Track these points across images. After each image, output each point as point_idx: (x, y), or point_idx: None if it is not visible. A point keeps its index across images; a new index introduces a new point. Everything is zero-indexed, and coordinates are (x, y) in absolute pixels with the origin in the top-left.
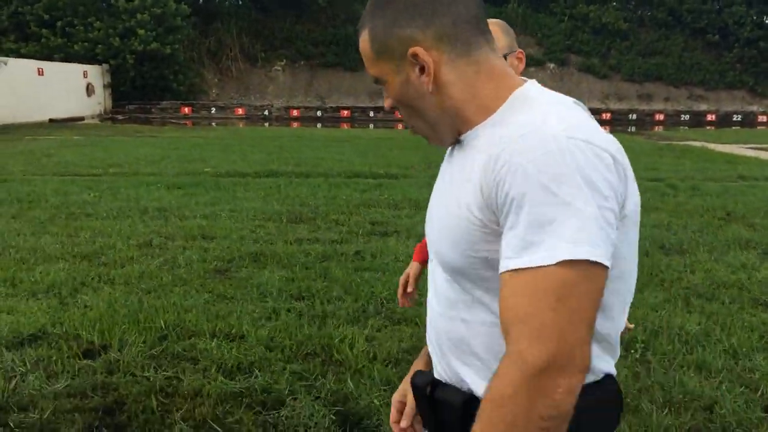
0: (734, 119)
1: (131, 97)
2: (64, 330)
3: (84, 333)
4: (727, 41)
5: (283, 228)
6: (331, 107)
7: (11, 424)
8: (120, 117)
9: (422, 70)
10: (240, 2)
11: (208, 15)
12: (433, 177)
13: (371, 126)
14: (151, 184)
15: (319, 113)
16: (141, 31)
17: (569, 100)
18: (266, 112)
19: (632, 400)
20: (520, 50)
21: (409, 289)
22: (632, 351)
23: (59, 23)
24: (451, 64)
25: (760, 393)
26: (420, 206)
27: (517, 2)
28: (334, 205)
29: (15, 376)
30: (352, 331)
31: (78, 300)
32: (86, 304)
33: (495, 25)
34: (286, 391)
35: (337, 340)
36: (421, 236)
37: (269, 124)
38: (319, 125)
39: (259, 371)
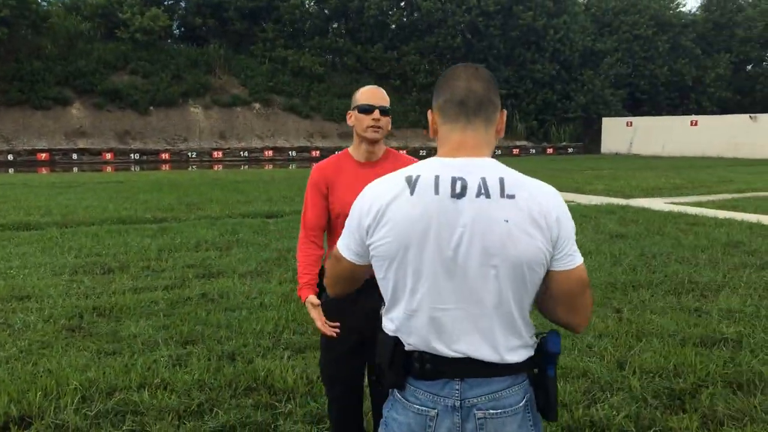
0: (420, 154)
1: None
2: None
3: None
4: (407, 86)
5: (101, 279)
6: (26, 150)
7: None
8: None
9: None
10: None
11: None
12: (201, 218)
13: (75, 170)
14: None
15: (10, 157)
16: None
17: (408, 169)
18: None
19: None
20: (348, 112)
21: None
22: None
23: None
24: (440, 126)
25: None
26: (219, 246)
27: (219, 44)
28: (133, 253)
29: None
30: (276, 363)
31: None
32: None
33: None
34: (268, 418)
35: (263, 372)
36: (245, 275)
37: None
38: (11, 170)
39: (217, 409)
